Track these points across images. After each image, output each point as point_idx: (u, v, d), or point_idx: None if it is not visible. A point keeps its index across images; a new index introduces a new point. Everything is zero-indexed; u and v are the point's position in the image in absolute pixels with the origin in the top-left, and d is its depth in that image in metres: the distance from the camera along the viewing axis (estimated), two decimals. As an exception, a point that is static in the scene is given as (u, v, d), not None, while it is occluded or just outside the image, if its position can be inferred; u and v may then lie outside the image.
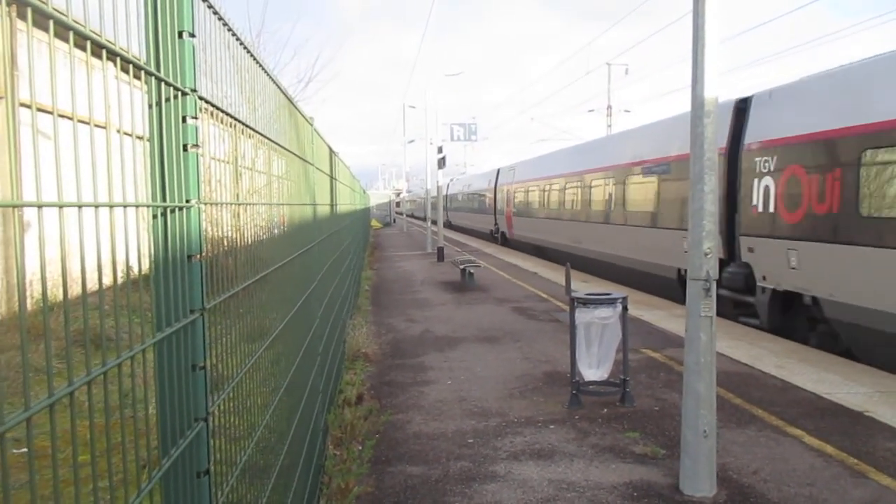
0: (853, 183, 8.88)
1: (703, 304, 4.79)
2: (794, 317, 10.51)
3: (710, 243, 4.78)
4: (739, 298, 11.55)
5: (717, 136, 4.76)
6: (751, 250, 11.25)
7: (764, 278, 10.89)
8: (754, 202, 11.11)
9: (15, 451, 5.30)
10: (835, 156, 9.30)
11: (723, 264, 11.73)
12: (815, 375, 7.78)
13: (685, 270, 9.64)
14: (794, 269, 10.10)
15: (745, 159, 11.41)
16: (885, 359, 8.54)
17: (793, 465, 5.27)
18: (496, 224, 33.62)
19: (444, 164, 27.38)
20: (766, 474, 5.13)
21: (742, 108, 11.75)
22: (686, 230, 9.42)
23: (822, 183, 9.51)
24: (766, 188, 10.84)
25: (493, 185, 34.18)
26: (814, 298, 9.74)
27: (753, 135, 11.25)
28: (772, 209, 10.69)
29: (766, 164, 10.84)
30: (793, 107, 10.51)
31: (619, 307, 6.74)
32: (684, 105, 18.44)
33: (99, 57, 1.35)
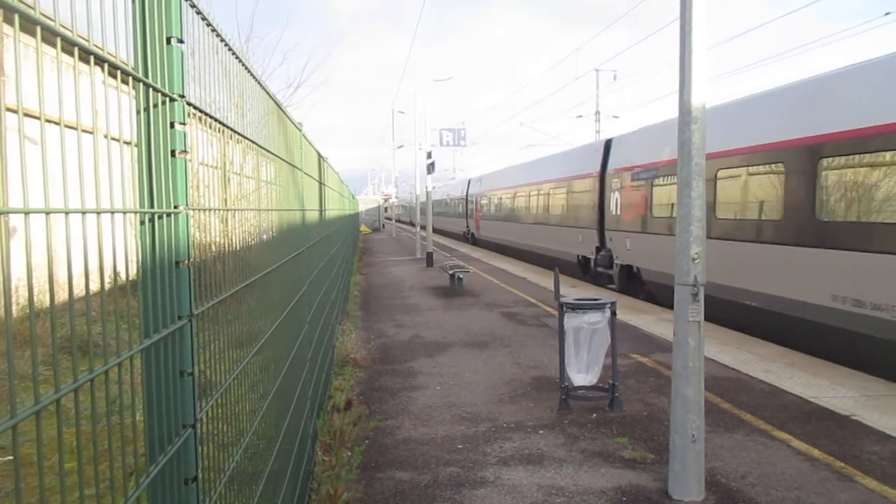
0: (649, 197, 14.83)
1: (692, 309, 4.81)
2: (632, 281, 15.96)
3: (699, 248, 4.79)
4: (606, 272, 17.40)
5: (704, 142, 4.79)
6: (610, 240, 17.21)
7: (616, 257, 16.79)
8: (611, 208, 17.08)
9: (0, 458, 5.25)
10: (641, 180, 15.36)
11: (598, 250, 17.88)
12: (802, 380, 7.83)
13: (581, 256, 17.99)
14: (629, 250, 15.92)
15: (608, 180, 17.46)
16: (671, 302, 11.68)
17: (780, 469, 5.30)
18: (467, 226, 39.35)
19: (433, 169, 27.39)
20: (754, 478, 5.15)
21: (608, 145, 17.87)
22: (579, 228, 18.06)
23: (638, 196, 15.48)
24: (617, 199, 16.73)
25: (465, 194, 40.06)
26: (637, 268, 15.61)
27: (612, 164, 17.30)
28: (619, 213, 16.58)
29: (616, 183, 16.80)
30: (629, 147, 16.47)
31: (608, 312, 6.76)
32: (672, 110, 19.64)
33: (87, 62, 1.34)
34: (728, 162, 11.51)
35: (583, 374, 6.79)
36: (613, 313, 6.83)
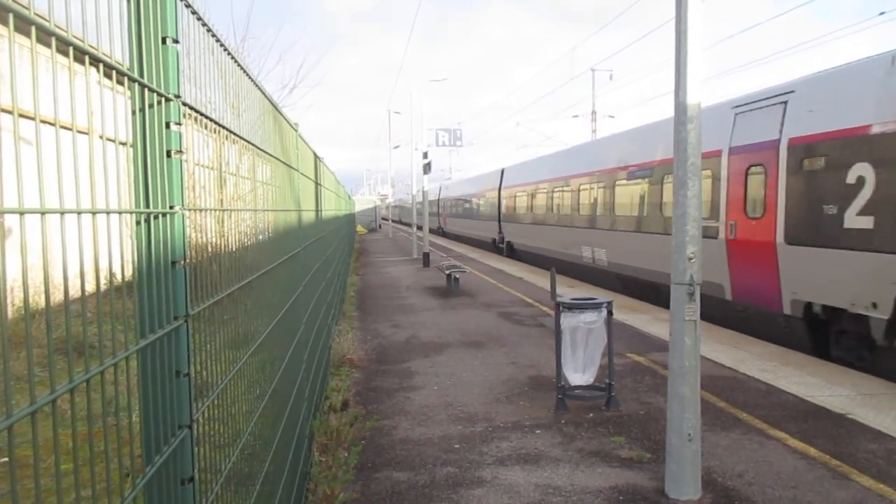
0: (514, 203, 26.92)
1: (688, 308, 4.82)
2: (513, 251, 27.32)
3: (695, 247, 4.80)
4: (501, 247, 29.10)
5: (700, 141, 4.79)
6: (504, 227, 28.98)
7: (505, 237, 28.81)
8: (503, 208, 29.01)
9: (-4, 460, 5.23)
10: (514, 195, 26.85)
11: (498, 233, 29.78)
12: (798, 378, 7.85)
13: (491, 238, 31.91)
14: (510, 232, 27.96)
15: (501, 193, 29.35)
16: (527, 258, 25.36)
17: (777, 468, 5.31)
18: (439, 223, 50.66)
19: (429, 169, 27.40)
20: (750, 477, 5.16)
21: (503, 172, 29.86)
22: (490, 221, 32.61)
23: (512, 202, 27.14)
24: (505, 203, 28.42)
25: (438, 197, 51.69)
26: (512, 242, 27.66)
27: (503, 184, 29.31)
28: (505, 212, 28.49)
29: (504, 195, 28.78)
30: (510, 173, 28.45)
31: (605, 312, 6.77)
32: (668, 110, 20.30)
33: (82, 63, 1.34)
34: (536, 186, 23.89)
35: (579, 374, 6.80)
36: (610, 313, 6.84)
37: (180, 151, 1.82)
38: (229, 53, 2.51)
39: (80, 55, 1.32)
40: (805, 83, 9.75)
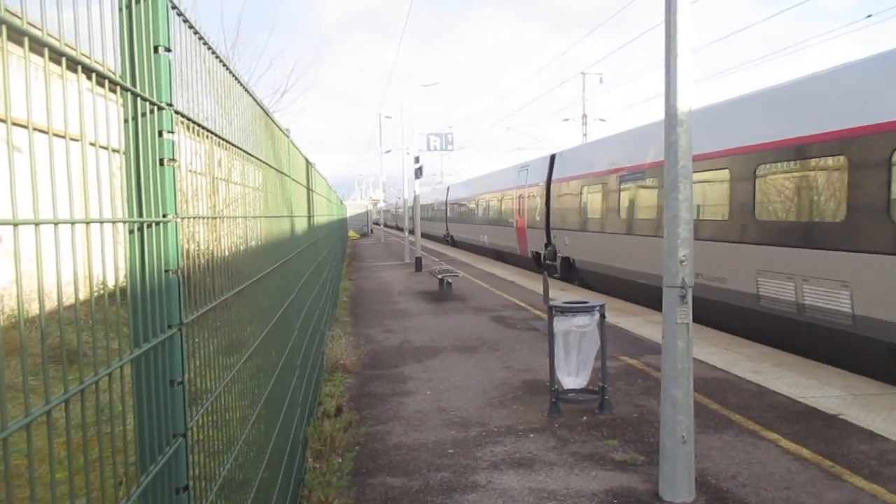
0: (452, 210, 41.53)
1: (680, 311, 4.83)
2: (455, 242, 40.91)
3: (686, 251, 4.81)
4: (447, 239, 43.52)
5: (690, 144, 4.82)
6: (449, 226, 42.57)
7: (449, 232, 42.40)
8: (448, 213, 42.53)
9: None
10: (453, 205, 41.21)
11: (446, 231, 43.46)
12: (790, 380, 7.89)
13: (442, 234, 46.32)
14: (452, 229, 41.41)
15: (448, 203, 42.86)
16: (461, 245, 39.41)
17: (770, 469, 5.33)
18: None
19: (420, 173, 27.45)
20: (743, 479, 5.18)
21: (448, 187, 44.93)
22: (441, 222, 47.60)
23: (455, 210, 40.39)
24: (449, 209, 42.43)
25: (413, 205, 61.32)
26: (453, 236, 41.35)
27: (449, 197, 43.08)
28: (450, 216, 42.15)
29: (449, 204, 42.21)
30: (455, 189, 42.02)
31: (597, 315, 6.79)
32: (658, 113, 21.00)
33: (74, 72, 1.34)
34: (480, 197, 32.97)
35: (572, 377, 6.80)
36: (602, 316, 6.86)
37: (173, 160, 1.82)
38: (221, 61, 2.52)
39: (73, 64, 1.32)
40: (532, 162, 23.85)
